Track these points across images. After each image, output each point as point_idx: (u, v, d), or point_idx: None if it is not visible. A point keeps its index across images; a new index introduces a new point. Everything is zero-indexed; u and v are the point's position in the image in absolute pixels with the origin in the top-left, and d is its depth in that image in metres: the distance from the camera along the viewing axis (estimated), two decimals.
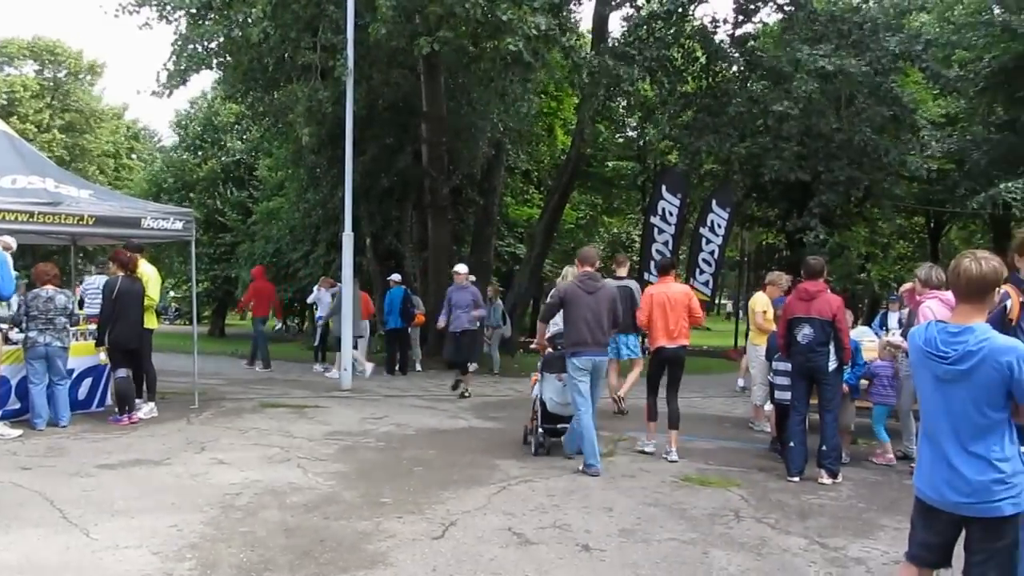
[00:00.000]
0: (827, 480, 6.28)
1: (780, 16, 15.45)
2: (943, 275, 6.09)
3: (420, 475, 6.27)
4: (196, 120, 27.92)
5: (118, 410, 8.30)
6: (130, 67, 79.14)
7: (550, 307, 6.99)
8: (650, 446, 7.37)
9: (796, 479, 6.35)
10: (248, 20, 12.52)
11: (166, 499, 5.35)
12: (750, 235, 28.05)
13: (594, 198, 27.48)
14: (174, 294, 32.50)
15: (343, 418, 8.99)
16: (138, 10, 13.32)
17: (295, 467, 6.42)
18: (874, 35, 13.65)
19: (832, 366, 6.41)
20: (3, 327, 7.98)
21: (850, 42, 13.30)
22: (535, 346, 7.56)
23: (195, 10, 13.06)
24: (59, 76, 35.97)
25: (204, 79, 29.67)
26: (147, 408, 8.55)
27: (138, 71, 64.40)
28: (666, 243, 18.20)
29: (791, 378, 6.68)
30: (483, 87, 14.72)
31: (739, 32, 15.58)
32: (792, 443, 6.48)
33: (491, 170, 17.91)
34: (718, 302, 43.35)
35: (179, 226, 9.08)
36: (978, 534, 2.89)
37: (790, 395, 6.69)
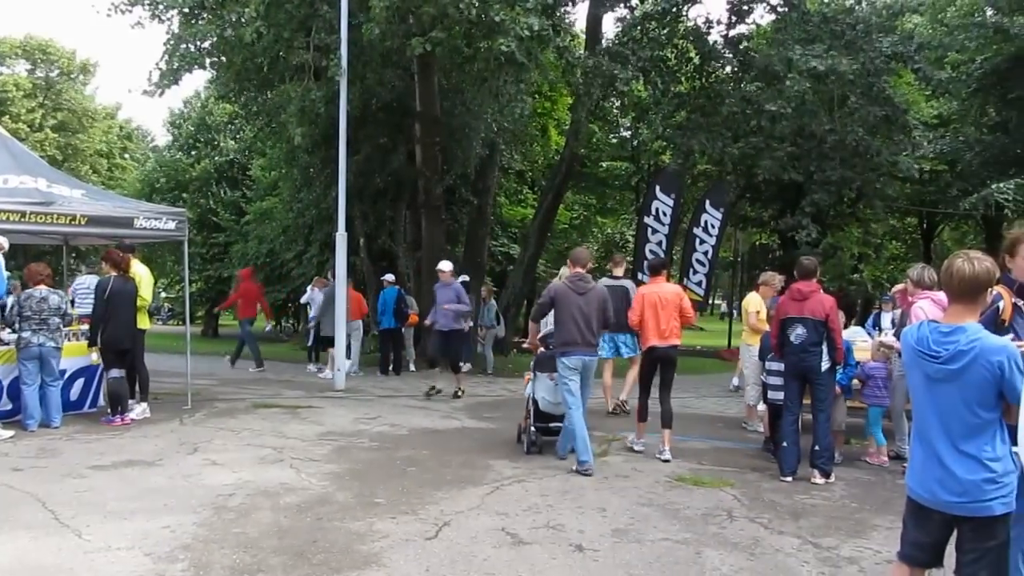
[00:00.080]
0: (820, 480, 6.31)
1: (773, 17, 15.46)
2: (935, 275, 6.11)
3: (413, 475, 6.26)
4: (189, 120, 27.88)
5: (111, 411, 8.27)
6: (123, 66, 79.00)
7: (541, 307, 7.05)
8: (639, 444, 7.44)
9: (789, 479, 6.38)
10: (241, 20, 12.48)
11: (159, 500, 5.34)
12: (744, 235, 28.12)
13: (588, 198, 27.45)
14: (167, 294, 32.38)
15: (336, 418, 8.98)
16: (131, 9, 13.31)
17: (288, 468, 6.41)
18: (867, 36, 13.68)
19: (825, 366, 6.44)
20: None
21: (843, 43, 13.30)
22: (527, 345, 7.64)
23: (188, 9, 13.04)
24: (51, 75, 35.85)
25: (197, 79, 29.80)
26: (140, 409, 8.53)
27: (131, 70, 64.31)
28: (660, 243, 18.26)
29: (784, 378, 6.70)
30: (477, 87, 14.69)
31: (732, 33, 15.61)
32: (785, 443, 6.51)
33: (485, 170, 17.89)
34: (712, 302, 43.42)
35: (172, 226, 9.06)
36: (969, 533, 2.90)
37: (783, 395, 6.72)
